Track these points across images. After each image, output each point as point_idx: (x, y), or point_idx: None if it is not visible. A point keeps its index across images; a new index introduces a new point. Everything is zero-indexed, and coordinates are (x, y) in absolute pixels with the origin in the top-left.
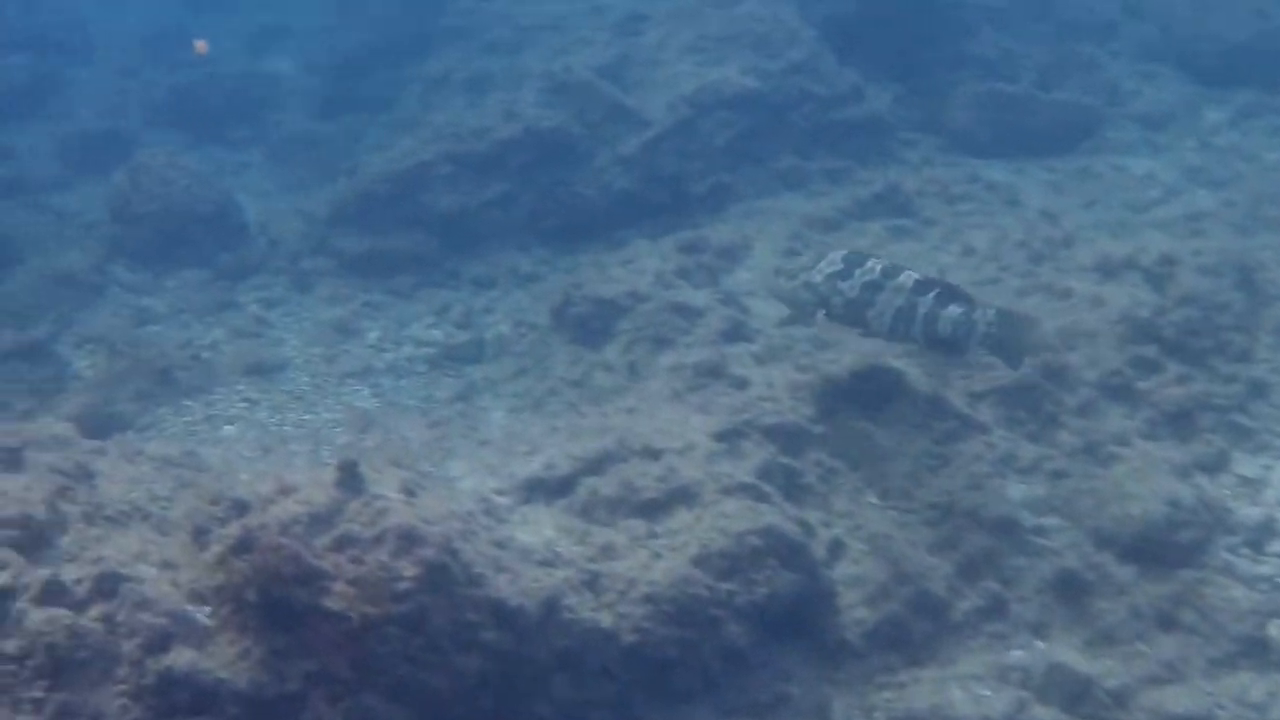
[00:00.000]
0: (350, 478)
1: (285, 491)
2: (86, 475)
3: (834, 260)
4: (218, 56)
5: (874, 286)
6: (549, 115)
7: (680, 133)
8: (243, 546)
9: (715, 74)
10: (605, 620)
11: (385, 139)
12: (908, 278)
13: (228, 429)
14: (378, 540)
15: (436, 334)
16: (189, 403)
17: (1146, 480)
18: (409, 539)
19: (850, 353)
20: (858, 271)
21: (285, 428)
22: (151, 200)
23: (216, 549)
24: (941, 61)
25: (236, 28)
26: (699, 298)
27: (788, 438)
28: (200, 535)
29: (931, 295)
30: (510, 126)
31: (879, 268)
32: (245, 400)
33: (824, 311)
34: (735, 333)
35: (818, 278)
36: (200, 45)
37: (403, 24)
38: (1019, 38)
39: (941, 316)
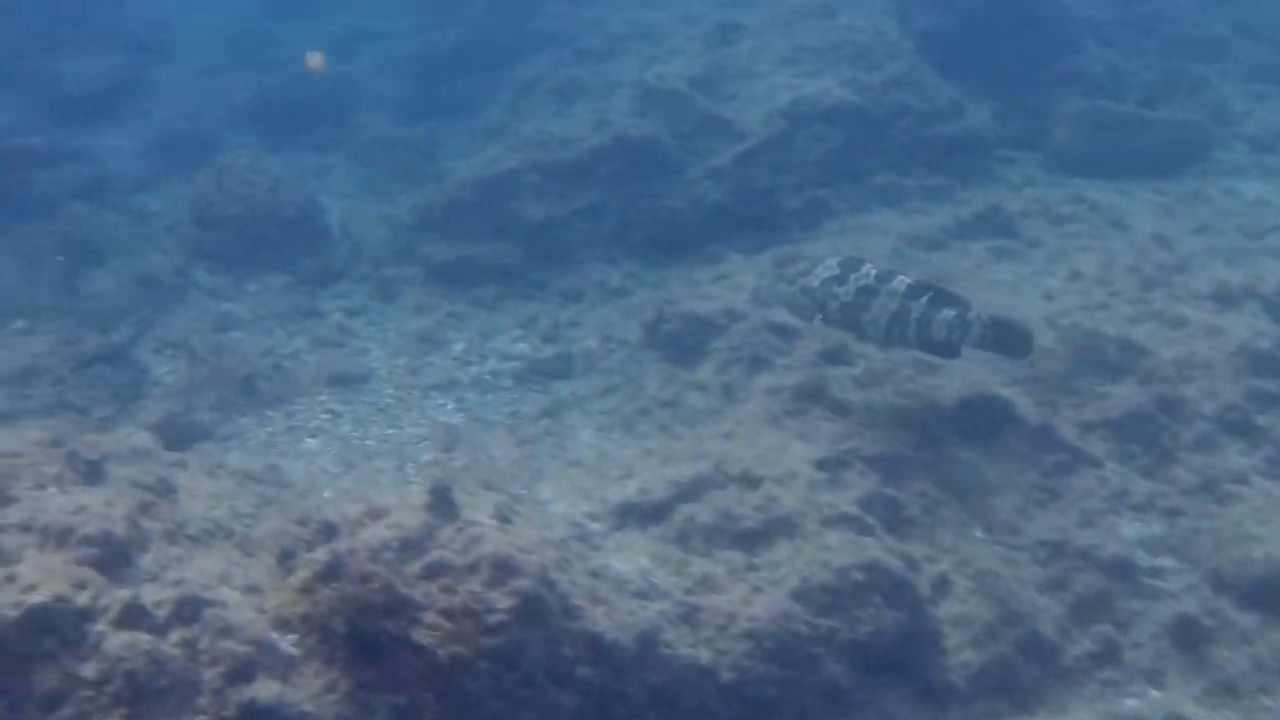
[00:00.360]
0: (442, 501)
1: (375, 515)
2: (168, 490)
3: (830, 265)
4: (300, 58)
5: (869, 291)
6: (640, 125)
7: (775, 146)
8: (331, 572)
9: (812, 86)
10: (703, 656)
11: (471, 145)
12: (900, 282)
13: (310, 442)
14: (471, 569)
15: (523, 347)
16: (270, 413)
17: (1269, 521)
18: (504, 568)
19: (956, 379)
20: (853, 276)
21: (368, 442)
22: (234, 202)
23: (303, 574)
24: (1044, 78)
25: (321, 30)
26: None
27: (891, 467)
28: (286, 558)
29: (925, 299)
30: (600, 135)
31: (873, 273)
32: (328, 412)
33: (821, 316)
34: (835, 355)
35: (814, 283)
36: (315, 59)
37: (491, 28)
38: (1124, 54)
39: (936, 320)
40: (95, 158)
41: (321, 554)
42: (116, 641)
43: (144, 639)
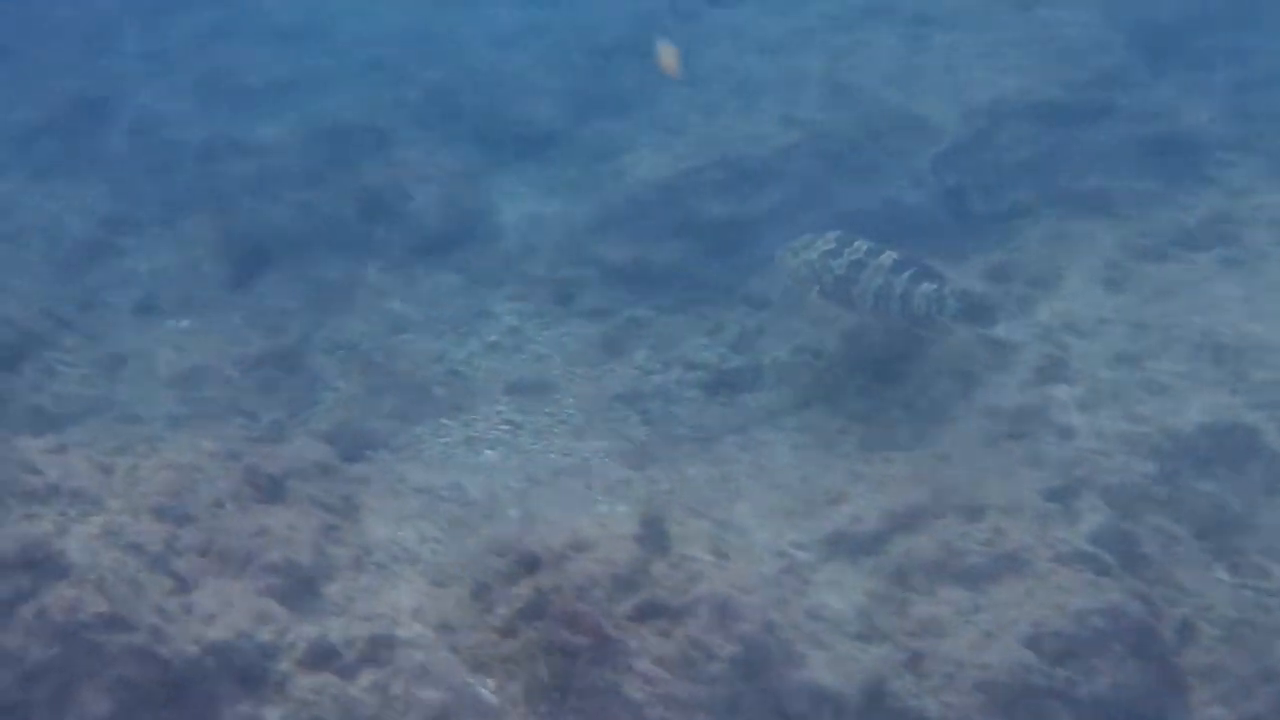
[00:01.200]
0: (654, 532)
1: (580, 546)
2: (351, 510)
3: (829, 239)
4: (465, 51)
5: (859, 265)
6: (830, 121)
7: (973, 146)
8: (534, 611)
9: (1012, 83)
10: (930, 709)
11: (646, 141)
12: (887, 257)
13: (489, 454)
14: (688, 610)
15: (708, 356)
16: (447, 422)
17: None
18: (723, 611)
19: (1193, 402)
20: (846, 250)
21: (550, 455)
22: (406, 199)
23: (503, 612)
24: (1264, 76)
25: (488, 22)
26: (1010, 330)
27: (1125, 498)
28: (482, 592)
29: (907, 274)
30: (789, 133)
31: (865, 247)
32: (507, 422)
33: (818, 288)
34: (1054, 372)
35: (814, 255)
36: (668, 54)
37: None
38: None
39: (915, 294)
40: (261, 151)
41: (524, 589)
42: (303, 684)
43: (333, 681)
